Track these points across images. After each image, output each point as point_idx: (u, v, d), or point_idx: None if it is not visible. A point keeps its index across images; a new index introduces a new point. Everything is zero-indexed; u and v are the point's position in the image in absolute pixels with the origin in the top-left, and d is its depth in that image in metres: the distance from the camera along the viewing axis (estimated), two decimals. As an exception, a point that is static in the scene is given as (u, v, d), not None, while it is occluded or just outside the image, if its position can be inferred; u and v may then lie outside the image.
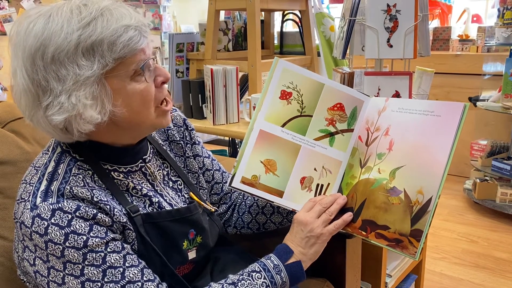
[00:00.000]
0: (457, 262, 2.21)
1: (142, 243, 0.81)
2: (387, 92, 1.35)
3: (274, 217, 1.04)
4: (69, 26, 0.71)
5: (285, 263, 0.85)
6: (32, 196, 0.74)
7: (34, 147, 1.09)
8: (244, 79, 2.06)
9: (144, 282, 0.75)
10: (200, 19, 2.13)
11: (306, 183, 0.95)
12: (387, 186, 0.87)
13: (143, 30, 0.76)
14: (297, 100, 0.95)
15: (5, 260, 0.97)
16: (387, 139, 0.91)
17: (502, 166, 2.67)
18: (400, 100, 0.94)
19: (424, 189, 0.82)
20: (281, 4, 2.01)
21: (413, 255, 0.81)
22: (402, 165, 0.87)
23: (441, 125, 0.85)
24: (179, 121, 1.02)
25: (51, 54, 0.70)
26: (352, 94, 0.98)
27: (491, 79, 3.03)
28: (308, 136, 0.95)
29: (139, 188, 0.86)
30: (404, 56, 1.32)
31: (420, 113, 0.89)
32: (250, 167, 0.92)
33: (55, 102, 0.72)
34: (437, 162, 0.82)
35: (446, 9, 3.55)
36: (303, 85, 0.95)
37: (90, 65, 0.71)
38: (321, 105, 0.96)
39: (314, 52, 2.08)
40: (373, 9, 1.31)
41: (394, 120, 0.92)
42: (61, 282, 0.72)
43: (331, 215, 0.90)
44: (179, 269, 0.87)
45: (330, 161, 0.96)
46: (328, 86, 0.96)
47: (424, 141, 0.86)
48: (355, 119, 0.97)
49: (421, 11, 1.33)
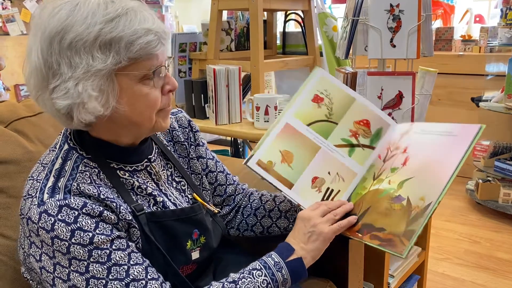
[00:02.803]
0: (459, 262, 2.20)
1: (147, 242, 0.81)
2: (390, 92, 1.35)
3: (280, 222, 1.04)
4: (93, 18, 0.72)
5: (286, 260, 0.84)
6: (39, 192, 0.75)
7: (37, 146, 1.09)
8: (246, 79, 2.06)
9: (148, 281, 0.75)
10: (203, 19, 2.13)
11: (317, 183, 0.96)
12: (393, 195, 0.88)
13: (162, 37, 0.77)
14: (327, 106, 1.00)
15: (8, 259, 0.97)
16: (404, 156, 0.93)
17: (504, 167, 2.66)
18: (424, 123, 0.98)
19: (426, 197, 0.83)
20: (284, 4, 2.01)
21: (401, 252, 0.80)
22: (410, 177, 0.88)
23: (454, 143, 0.87)
24: (184, 122, 1.02)
25: (69, 40, 0.72)
26: (381, 115, 1.02)
27: (493, 80, 3.03)
28: (330, 140, 0.98)
29: (144, 187, 0.86)
30: (407, 56, 1.32)
31: (438, 134, 0.91)
32: (268, 153, 0.96)
33: (62, 87, 0.73)
34: (443, 173, 0.83)
35: (448, 10, 3.54)
36: (336, 95, 1.01)
37: (104, 59, 0.73)
38: (348, 117, 1.00)
39: (316, 52, 2.08)
40: (376, 9, 1.31)
41: (414, 140, 0.95)
42: (66, 279, 0.73)
43: (335, 216, 0.89)
44: (182, 269, 0.87)
45: (346, 170, 0.97)
46: (359, 102, 1.01)
47: (435, 156, 0.88)
48: (378, 139, 1.00)
49: (424, 11, 1.33)
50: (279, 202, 1.05)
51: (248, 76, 2.00)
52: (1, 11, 3.45)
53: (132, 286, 0.73)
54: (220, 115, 1.73)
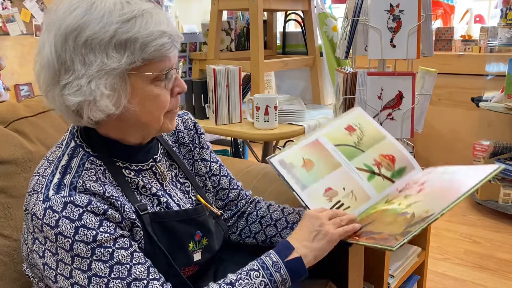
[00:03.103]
0: (459, 262, 2.20)
1: (149, 242, 0.82)
2: (390, 92, 1.35)
3: (285, 233, 1.03)
4: (110, 17, 0.73)
5: (284, 260, 0.83)
6: (45, 188, 0.75)
7: (38, 146, 1.09)
8: (246, 79, 2.06)
9: (150, 281, 0.75)
10: (203, 19, 2.13)
11: (330, 194, 0.97)
12: (400, 212, 0.89)
13: (176, 40, 0.79)
14: (357, 136, 1.06)
15: (8, 259, 0.97)
16: (419, 187, 0.95)
17: (504, 167, 2.66)
18: (448, 166, 1.00)
19: (431, 210, 0.83)
20: (284, 4, 2.01)
21: (393, 246, 0.79)
22: (420, 200, 0.89)
23: (468, 176, 0.89)
24: (189, 124, 1.03)
25: (85, 38, 0.73)
26: (407, 156, 1.04)
27: (494, 80, 3.02)
28: (352, 163, 1.02)
29: (148, 187, 0.87)
30: (407, 56, 1.32)
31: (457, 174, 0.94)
32: (292, 156, 1.02)
33: (74, 84, 0.74)
34: (451, 195, 0.84)
35: (448, 10, 3.54)
36: (368, 130, 1.08)
37: (118, 58, 0.74)
38: (375, 148, 1.05)
39: (316, 52, 2.07)
40: (376, 9, 1.31)
41: (432, 177, 0.97)
42: (68, 276, 0.73)
43: (341, 221, 0.89)
44: (183, 270, 0.87)
45: (361, 191, 0.98)
46: (389, 140, 1.07)
47: (447, 186, 0.90)
48: (400, 176, 1.02)
49: (424, 11, 1.33)
50: (287, 213, 1.04)
51: (248, 76, 2.00)
52: (1, 11, 3.45)
53: (133, 286, 0.74)
54: (220, 115, 1.73)
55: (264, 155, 2.07)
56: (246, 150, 2.80)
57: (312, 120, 1.79)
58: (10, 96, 3.44)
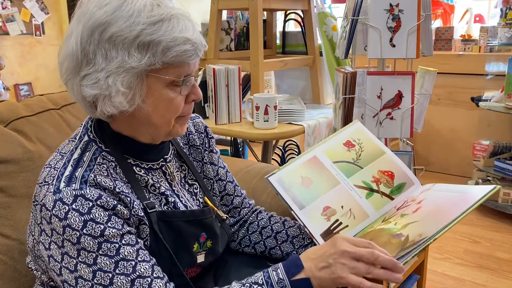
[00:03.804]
0: (459, 262, 2.20)
1: (155, 240, 0.82)
2: (389, 92, 1.35)
3: (285, 245, 1.02)
4: (138, 17, 0.75)
5: (291, 279, 0.76)
6: (56, 180, 0.76)
7: (37, 146, 1.09)
8: (246, 78, 2.06)
9: (154, 279, 0.75)
10: (203, 19, 2.13)
11: (328, 212, 0.97)
12: (395, 232, 0.88)
13: (199, 49, 0.80)
14: (356, 152, 1.05)
15: (7, 258, 0.97)
16: (416, 206, 0.95)
17: (504, 167, 2.66)
18: (446, 184, 1.00)
19: (424, 234, 0.83)
20: (284, 4, 2.01)
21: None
22: (416, 221, 0.89)
23: (464, 199, 0.88)
24: (200, 127, 1.05)
25: (111, 33, 0.74)
26: (407, 172, 1.04)
27: (493, 79, 3.02)
28: (351, 180, 1.01)
29: (157, 185, 0.88)
30: (407, 56, 1.32)
31: (454, 192, 0.94)
32: (290, 175, 1.01)
33: (93, 76, 0.76)
34: (445, 218, 0.84)
35: (448, 9, 3.54)
36: (367, 145, 1.07)
37: (139, 58, 0.75)
38: (374, 165, 1.04)
39: (316, 52, 2.08)
40: (375, 8, 1.31)
41: (430, 195, 0.97)
42: (73, 269, 0.73)
43: (367, 273, 0.75)
44: (186, 271, 0.87)
45: (359, 209, 0.98)
46: (388, 156, 1.05)
47: (443, 207, 0.90)
48: (399, 192, 1.01)
49: (424, 10, 1.33)
50: (288, 226, 1.04)
51: (248, 75, 2.00)
52: (1, 11, 3.45)
53: (137, 283, 0.74)
54: (219, 114, 1.73)
55: (264, 154, 2.07)
56: (246, 150, 2.80)
57: (312, 120, 1.79)
58: (10, 96, 3.44)
